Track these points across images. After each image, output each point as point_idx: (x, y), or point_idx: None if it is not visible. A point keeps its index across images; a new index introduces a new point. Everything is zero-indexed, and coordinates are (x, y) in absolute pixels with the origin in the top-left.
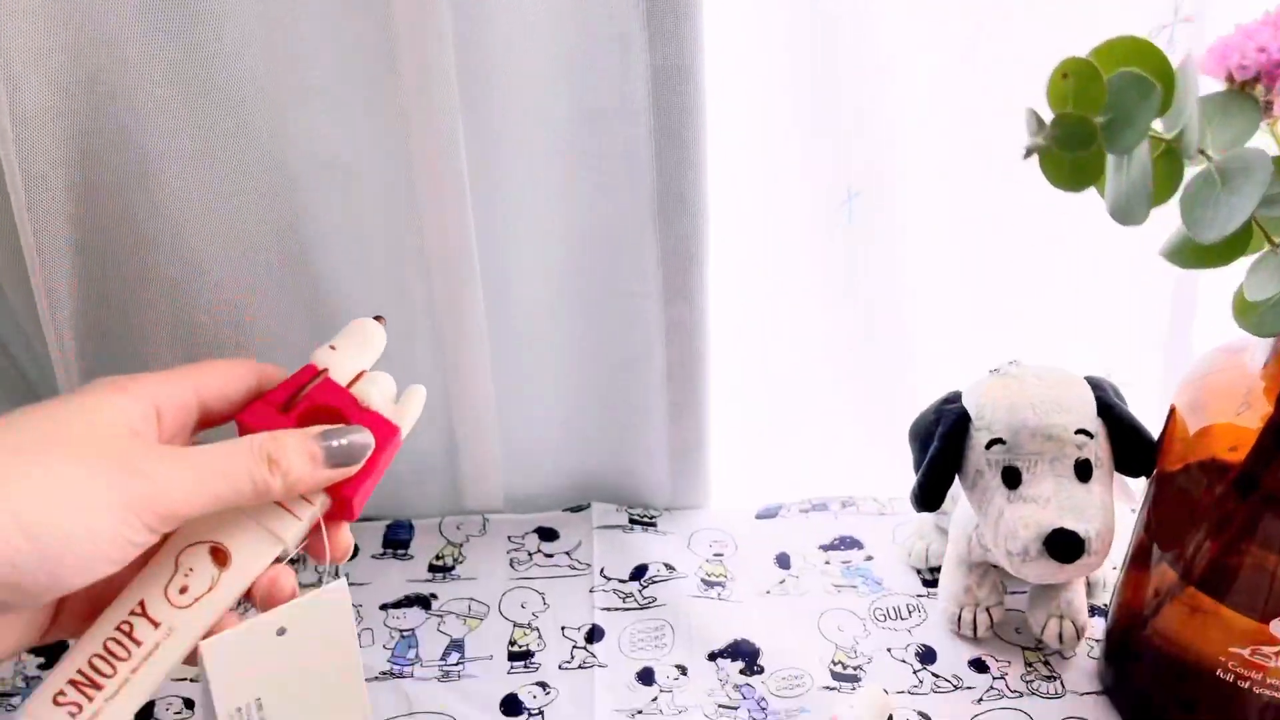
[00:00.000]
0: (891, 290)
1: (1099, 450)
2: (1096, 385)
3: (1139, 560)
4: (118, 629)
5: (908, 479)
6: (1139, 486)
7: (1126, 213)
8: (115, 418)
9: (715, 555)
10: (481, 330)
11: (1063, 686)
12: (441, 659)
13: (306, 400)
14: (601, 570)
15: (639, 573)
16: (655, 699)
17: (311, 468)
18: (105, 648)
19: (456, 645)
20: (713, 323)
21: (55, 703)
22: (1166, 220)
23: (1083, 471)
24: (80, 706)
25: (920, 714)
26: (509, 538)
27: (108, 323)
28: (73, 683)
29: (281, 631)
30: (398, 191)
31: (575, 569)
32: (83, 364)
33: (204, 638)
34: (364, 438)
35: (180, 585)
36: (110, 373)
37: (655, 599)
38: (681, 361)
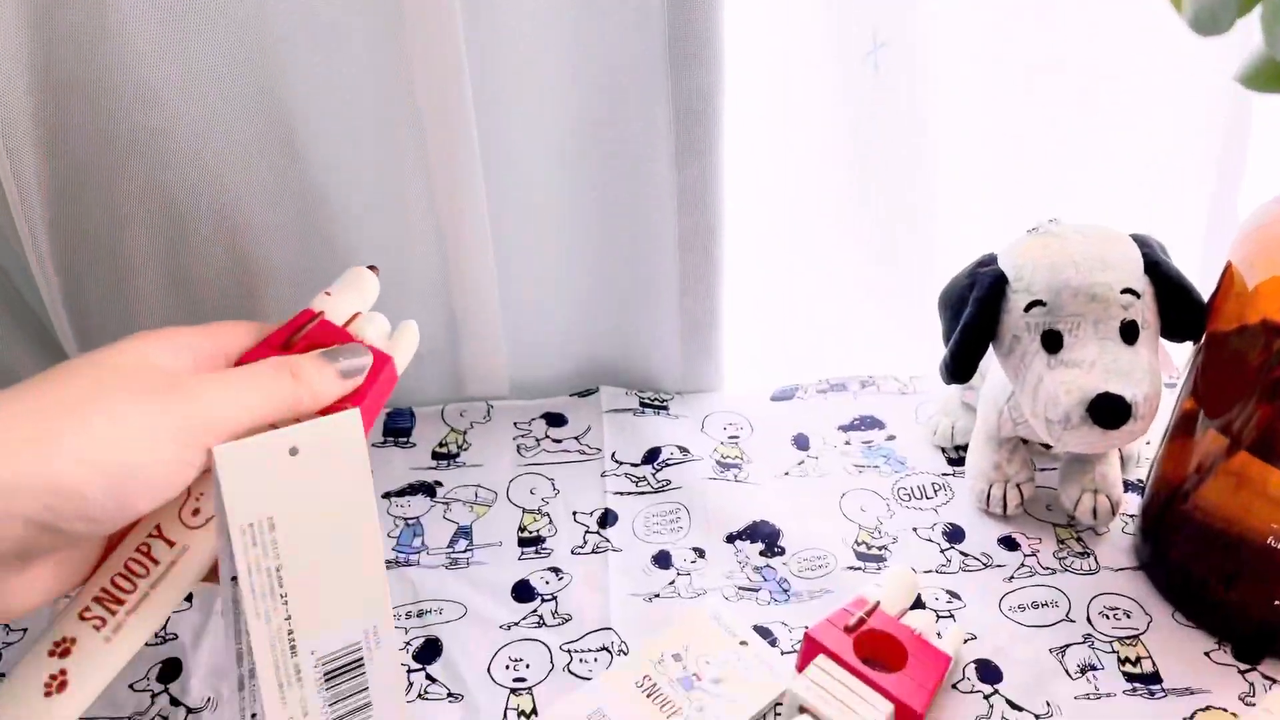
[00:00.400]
0: (919, 149)
1: (1145, 311)
2: (1143, 242)
3: (1182, 430)
4: (137, 550)
5: (930, 356)
6: (1179, 356)
7: (1210, 20)
8: (157, 360)
9: (730, 438)
10: (480, 201)
11: (1096, 563)
12: (449, 546)
13: (305, 340)
14: (613, 454)
15: (652, 456)
16: (673, 582)
17: (327, 377)
18: (126, 567)
19: (464, 532)
20: (728, 188)
21: (81, 618)
22: (1229, 54)
23: (1128, 333)
24: (104, 620)
25: (949, 593)
26: (515, 424)
27: (79, 199)
28: (96, 599)
29: (294, 451)
30: (386, 49)
31: (585, 454)
32: (53, 234)
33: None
34: (359, 350)
35: (193, 509)
36: (84, 260)
37: (669, 482)
38: (695, 230)
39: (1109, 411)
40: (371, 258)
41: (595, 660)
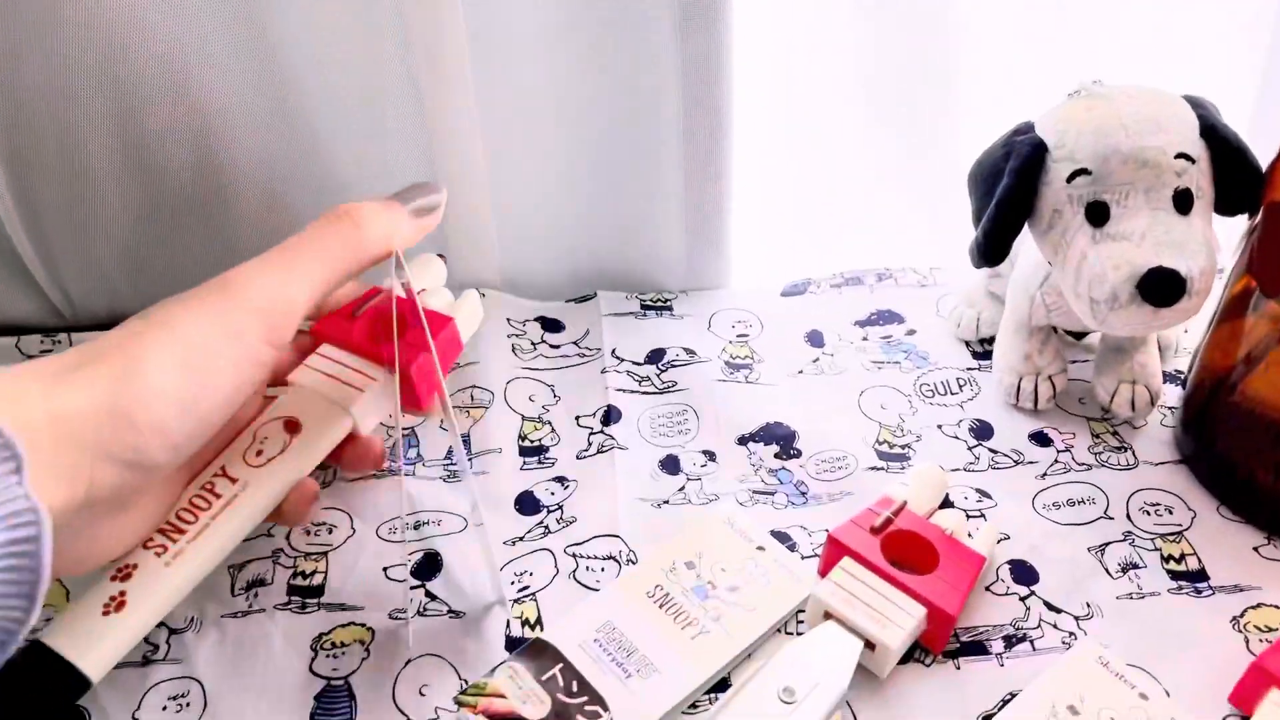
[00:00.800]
0: (946, 9)
1: (1200, 179)
2: (1196, 104)
3: (1231, 315)
4: (202, 488)
5: (952, 246)
6: (1227, 237)
7: None
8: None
9: (739, 336)
10: (466, 81)
11: (1135, 457)
12: (446, 457)
13: (371, 311)
14: (613, 351)
15: (655, 356)
16: (682, 488)
17: (397, 215)
18: (190, 502)
19: (461, 440)
20: (737, 62)
21: (144, 547)
22: None
23: (1182, 203)
24: (166, 547)
25: (979, 491)
26: (509, 320)
27: (28, 98)
28: (161, 530)
29: None
30: None
31: (584, 356)
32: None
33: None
34: (430, 186)
35: (256, 449)
36: (37, 163)
37: (675, 383)
38: (700, 107)
39: (1161, 287)
40: (347, 146)
41: (602, 570)
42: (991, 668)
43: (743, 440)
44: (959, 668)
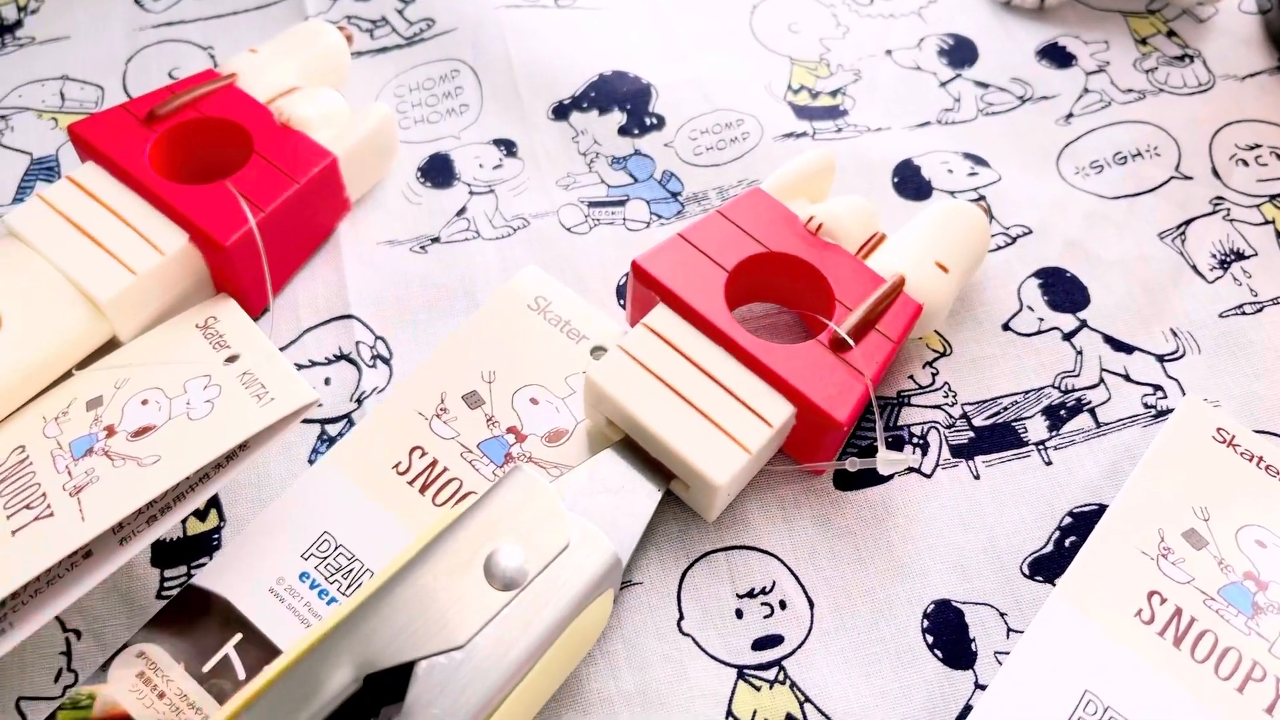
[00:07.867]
0: None
1: None
2: None
3: None
4: None
5: None
6: None
7: None
8: None
9: None
10: None
11: (1208, 70)
12: (16, 199)
13: (190, 110)
14: None
15: None
16: (463, 210)
17: None
18: None
19: (43, 170)
20: None
21: None
22: None
23: None
24: None
25: (969, 157)
26: None
27: None
28: None
29: None
30: None
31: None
32: None
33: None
34: None
35: None
36: None
37: (431, 23)
38: None
39: None
40: None
41: (326, 384)
42: (1033, 471)
43: (562, 111)
44: (978, 476)
